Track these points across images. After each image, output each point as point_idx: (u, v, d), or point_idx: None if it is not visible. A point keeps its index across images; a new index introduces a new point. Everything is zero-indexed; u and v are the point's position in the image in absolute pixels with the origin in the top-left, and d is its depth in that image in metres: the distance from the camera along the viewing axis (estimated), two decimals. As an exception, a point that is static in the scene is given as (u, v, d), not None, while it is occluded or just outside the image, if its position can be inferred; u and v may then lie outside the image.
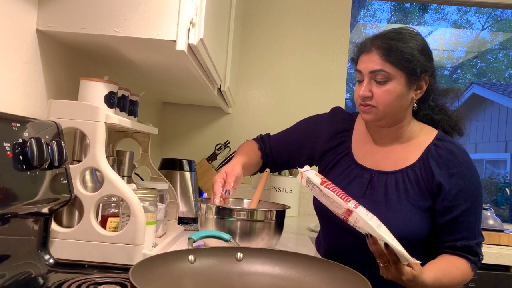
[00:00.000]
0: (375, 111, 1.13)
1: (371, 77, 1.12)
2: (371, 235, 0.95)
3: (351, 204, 0.98)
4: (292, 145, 1.34)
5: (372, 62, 1.11)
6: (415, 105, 1.18)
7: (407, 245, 1.05)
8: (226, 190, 1.18)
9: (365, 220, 0.94)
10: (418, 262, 0.94)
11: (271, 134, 1.42)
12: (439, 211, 1.12)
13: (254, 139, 1.42)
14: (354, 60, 1.21)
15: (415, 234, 1.11)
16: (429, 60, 1.14)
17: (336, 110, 1.34)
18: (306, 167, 1.09)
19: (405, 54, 1.10)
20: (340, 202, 1.00)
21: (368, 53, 1.13)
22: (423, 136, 1.19)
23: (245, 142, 1.42)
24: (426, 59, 1.13)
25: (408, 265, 0.95)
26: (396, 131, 1.20)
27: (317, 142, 1.30)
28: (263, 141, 1.39)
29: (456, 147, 1.16)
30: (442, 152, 1.14)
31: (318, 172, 1.28)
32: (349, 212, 0.99)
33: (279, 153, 1.36)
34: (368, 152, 1.24)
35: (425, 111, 1.22)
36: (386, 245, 0.92)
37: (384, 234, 0.93)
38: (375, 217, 0.97)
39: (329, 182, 1.07)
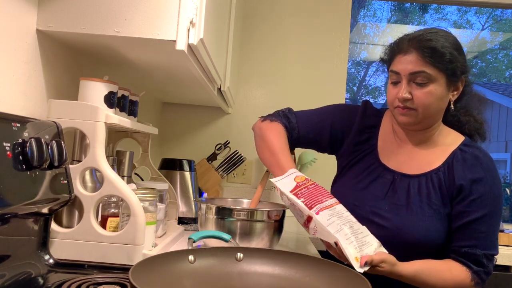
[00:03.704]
0: (414, 114, 1.10)
1: (410, 79, 1.08)
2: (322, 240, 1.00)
3: (313, 211, 0.99)
4: (323, 125, 1.28)
5: (411, 63, 1.07)
6: (452, 106, 1.15)
7: (421, 249, 1.06)
8: None
9: (323, 226, 0.96)
10: (360, 271, 0.89)
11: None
12: (453, 214, 1.10)
13: (275, 119, 1.30)
14: (384, 61, 1.18)
15: (432, 240, 1.09)
16: (465, 59, 1.12)
17: (367, 104, 1.30)
18: (278, 178, 1.12)
19: (446, 55, 1.06)
20: (303, 209, 1.01)
21: (405, 53, 1.09)
22: (450, 140, 1.17)
23: (269, 127, 1.28)
24: (463, 59, 1.10)
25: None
26: (425, 134, 1.17)
27: (349, 130, 1.26)
28: (287, 119, 1.29)
29: (482, 153, 1.13)
30: (468, 156, 1.12)
31: (341, 165, 1.27)
32: (309, 219, 1.00)
33: (306, 131, 1.29)
34: (392, 152, 1.21)
35: (453, 112, 1.18)
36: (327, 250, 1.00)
37: (340, 237, 0.95)
38: (341, 219, 0.98)
39: (305, 187, 1.06)
